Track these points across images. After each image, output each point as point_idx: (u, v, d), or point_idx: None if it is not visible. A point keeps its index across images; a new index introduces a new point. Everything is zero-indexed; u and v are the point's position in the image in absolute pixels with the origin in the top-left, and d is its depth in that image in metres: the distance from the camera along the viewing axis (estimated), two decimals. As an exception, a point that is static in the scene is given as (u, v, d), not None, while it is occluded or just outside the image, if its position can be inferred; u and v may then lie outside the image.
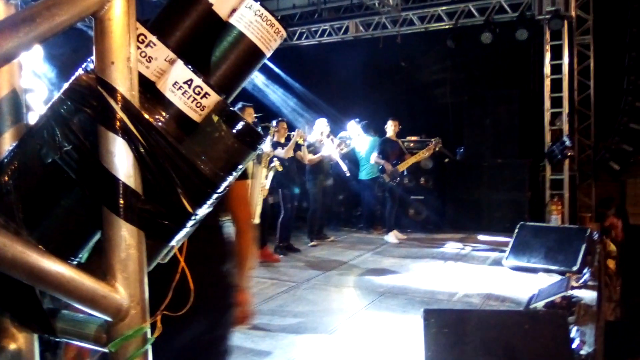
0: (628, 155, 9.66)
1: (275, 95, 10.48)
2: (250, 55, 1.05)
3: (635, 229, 9.92)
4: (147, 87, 0.94)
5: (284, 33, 1.07)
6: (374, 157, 8.28)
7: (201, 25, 1.03)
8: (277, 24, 1.05)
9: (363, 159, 8.67)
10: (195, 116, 0.95)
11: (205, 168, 0.92)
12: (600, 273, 6.58)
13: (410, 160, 8.37)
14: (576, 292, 5.10)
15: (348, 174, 8.47)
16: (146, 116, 0.89)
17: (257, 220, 4.76)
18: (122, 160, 0.87)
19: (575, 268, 5.79)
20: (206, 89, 0.94)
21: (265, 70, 10.53)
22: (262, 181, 5.00)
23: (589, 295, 5.18)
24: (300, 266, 6.69)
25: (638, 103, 9.48)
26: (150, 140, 0.88)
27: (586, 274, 5.70)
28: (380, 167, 8.23)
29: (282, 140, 7.09)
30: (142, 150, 0.87)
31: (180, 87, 0.93)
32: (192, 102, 0.94)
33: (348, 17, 10.14)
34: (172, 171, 0.89)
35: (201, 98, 0.94)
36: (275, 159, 6.15)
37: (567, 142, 8.40)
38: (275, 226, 7.34)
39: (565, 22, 8.67)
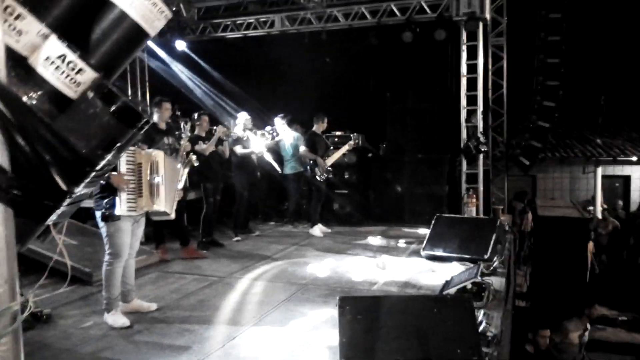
0: (537, 151, 10.34)
1: (198, 88, 10.31)
2: (133, 34, 1.05)
3: (544, 220, 10.58)
4: (18, 62, 0.91)
5: (168, 13, 1.07)
6: (304, 152, 8.30)
7: (81, 2, 1.02)
8: (160, 4, 1.05)
9: (287, 154, 8.71)
10: (70, 92, 0.93)
11: (80, 145, 0.91)
12: (510, 261, 7.00)
13: (336, 155, 8.50)
14: (486, 279, 5.37)
15: (280, 171, 8.52)
16: (14, 91, 0.87)
17: (172, 215, 4.66)
18: (-13, 136, 0.85)
19: (486, 256, 6.10)
20: (81, 64, 0.93)
21: (189, 62, 10.33)
22: (180, 180, 4.92)
23: (497, 281, 5.48)
24: (223, 261, 6.63)
25: (546, 102, 10.15)
26: (18, 116, 0.85)
27: (496, 262, 6.04)
28: (311, 161, 8.24)
29: (204, 134, 6.99)
30: (9, 126, 0.85)
31: (52, 62, 0.91)
32: (65, 77, 0.92)
33: (274, 12, 10.13)
34: (43, 148, 0.87)
35: (75, 74, 0.93)
36: (191, 153, 6.06)
37: (481, 138, 8.86)
38: (197, 222, 7.22)
39: (481, 24, 9.10)
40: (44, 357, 3.74)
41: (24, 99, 0.90)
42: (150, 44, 9.69)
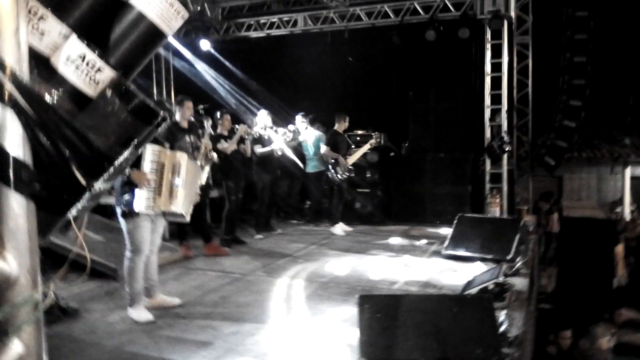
0: (562, 151, 10.17)
1: (222, 87, 10.41)
2: (151, 34, 1.08)
3: (570, 220, 10.39)
4: (41, 61, 0.96)
5: (185, 13, 1.10)
6: (326, 151, 8.31)
7: (101, 3, 1.06)
8: (177, 4, 1.08)
9: (309, 153, 8.74)
10: (90, 91, 0.97)
11: (98, 141, 0.94)
12: (533, 262, 6.91)
13: (357, 154, 8.50)
14: (508, 279, 5.32)
15: (303, 167, 8.56)
16: (37, 89, 0.91)
17: (187, 219, 4.70)
18: (11, 132, 0.88)
19: (508, 257, 6.04)
20: (100, 63, 0.97)
21: (213, 62, 10.44)
22: (200, 180, 4.98)
23: (520, 282, 5.42)
24: (245, 258, 6.69)
25: (572, 101, 9.97)
26: (41, 113, 0.89)
27: (519, 263, 5.97)
28: (333, 160, 8.25)
29: (226, 133, 7.07)
30: (31, 122, 0.89)
31: (73, 62, 0.95)
32: (85, 76, 0.96)
33: (297, 11, 10.17)
34: (63, 144, 0.91)
35: (95, 73, 0.97)
36: (212, 152, 6.13)
37: (506, 138, 8.75)
38: (220, 219, 7.31)
39: (506, 22, 8.99)
40: (70, 350, 3.84)
41: (46, 97, 0.94)
42: (175, 43, 9.84)
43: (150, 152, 4.23)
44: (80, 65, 0.99)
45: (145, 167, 4.23)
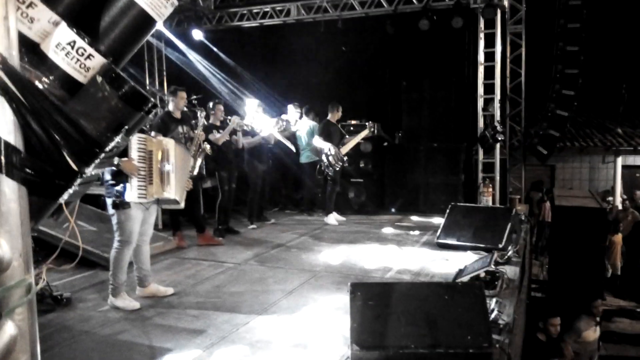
0: (555, 140, 10.20)
1: (215, 77, 10.37)
2: (141, 21, 1.09)
3: (561, 209, 10.45)
4: (31, 48, 0.97)
5: (174, 0, 1.11)
6: (319, 141, 8.31)
7: (91, -10, 1.07)
8: (166, -9, 1.09)
9: (302, 143, 8.73)
10: (80, 77, 0.99)
11: (89, 127, 0.95)
12: (525, 250, 6.97)
13: (351, 144, 8.51)
14: (500, 268, 5.36)
15: (294, 150, 8.54)
16: (27, 75, 0.92)
17: (182, 205, 4.71)
18: (2, 118, 0.90)
19: (500, 245, 6.08)
20: (90, 50, 0.98)
21: (205, 52, 10.39)
22: (189, 170, 4.99)
23: (511, 271, 5.47)
24: (239, 248, 6.72)
25: (565, 90, 9.99)
26: (31, 99, 0.90)
27: (510, 251, 6.03)
28: (328, 149, 8.23)
29: (218, 123, 7.06)
30: (22, 109, 0.90)
31: (63, 48, 0.96)
32: (75, 63, 0.97)
33: (290, 0, 10.11)
34: (54, 130, 0.92)
35: (85, 59, 0.98)
36: (205, 142, 6.12)
37: (498, 127, 8.77)
38: (213, 210, 7.32)
39: (499, 11, 8.99)
40: (63, 339, 3.86)
41: (37, 83, 0.94)
42: (168, 33, 9.78)
43: (136, 140, 4.22)
44: (71, 52, 0.99)
45: (133, 156, 4.22)
